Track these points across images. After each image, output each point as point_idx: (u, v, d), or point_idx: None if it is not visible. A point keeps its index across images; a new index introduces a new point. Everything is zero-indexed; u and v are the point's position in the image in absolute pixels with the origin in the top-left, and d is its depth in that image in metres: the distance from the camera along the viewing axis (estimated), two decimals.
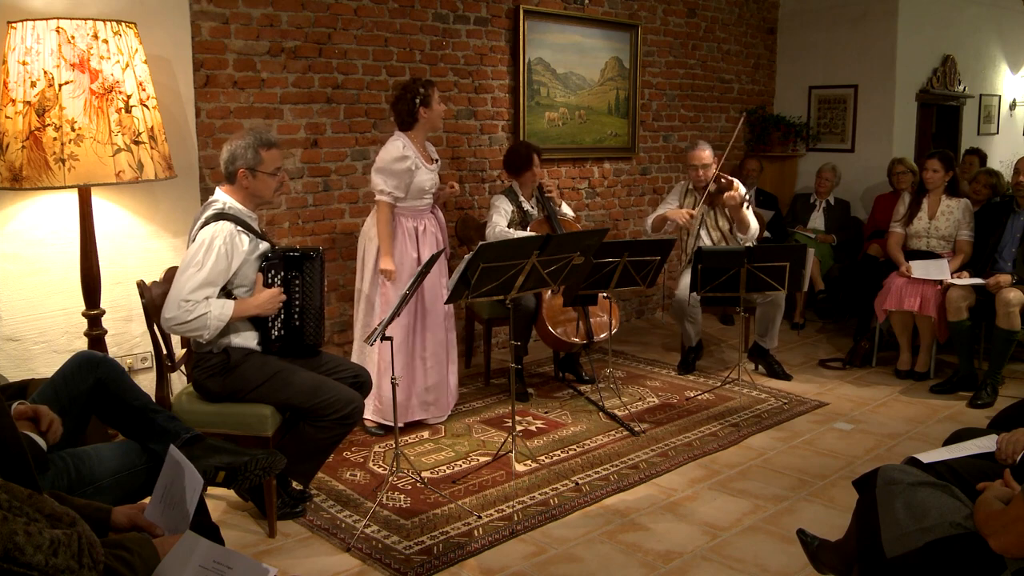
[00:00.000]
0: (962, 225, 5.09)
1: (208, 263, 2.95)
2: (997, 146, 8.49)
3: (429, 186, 4.11)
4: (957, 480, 2.23)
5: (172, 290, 2.98)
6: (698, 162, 5.04)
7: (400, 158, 3.98)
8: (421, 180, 4.05)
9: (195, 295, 2.94)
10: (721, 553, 3.04)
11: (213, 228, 3.00)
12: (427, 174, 4.09)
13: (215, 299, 2.98)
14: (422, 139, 4.13)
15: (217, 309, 2.96)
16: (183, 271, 2.99)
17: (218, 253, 2.97)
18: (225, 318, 2.98)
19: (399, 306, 3.25)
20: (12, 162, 3.13)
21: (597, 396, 4.68)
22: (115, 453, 2.37)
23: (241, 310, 3.03)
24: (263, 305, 3.07)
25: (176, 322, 2.96)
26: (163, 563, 1.72)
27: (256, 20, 4.37)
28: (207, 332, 2.97)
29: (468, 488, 3.56)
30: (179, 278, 2.98)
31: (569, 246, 3.44)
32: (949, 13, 7.50)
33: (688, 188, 5.24)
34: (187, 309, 2.93)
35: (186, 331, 2.99)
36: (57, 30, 3.14)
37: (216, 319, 2.96)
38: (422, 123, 4.07)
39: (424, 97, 4.02)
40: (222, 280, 3.00)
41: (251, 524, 3.26)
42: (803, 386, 5.01)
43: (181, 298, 2.94)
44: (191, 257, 2.98)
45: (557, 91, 5.85)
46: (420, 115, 4.04)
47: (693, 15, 6.75)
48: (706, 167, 5.03)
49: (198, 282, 2.94)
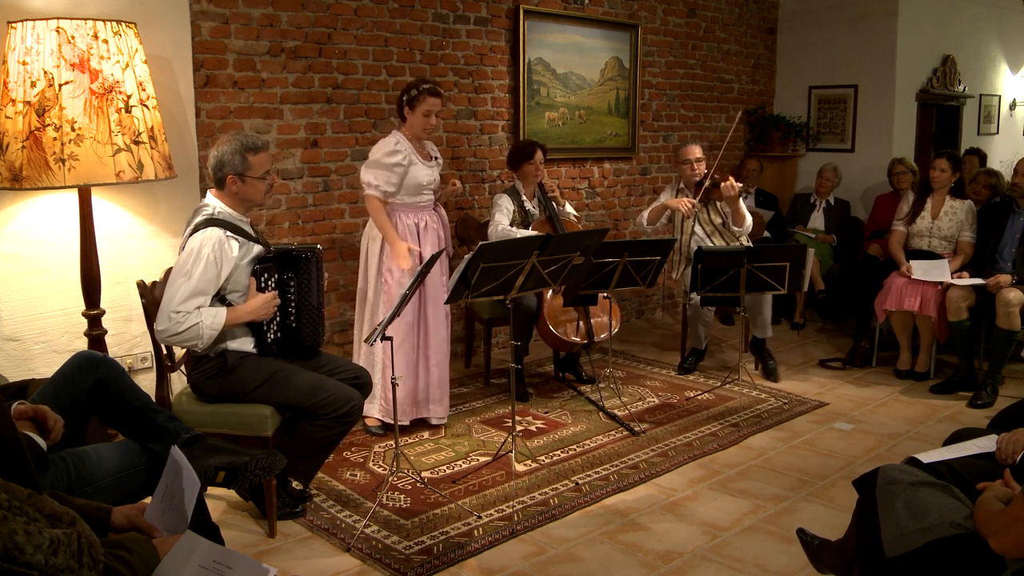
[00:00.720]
0: (964, 226, 5.09)
1: (196, 272, 2.92)
2: (997, 146, 8.49)
3: (427, 182, 4.07)
4: (957, 480, 2.22)
5: (163, 302, 2.96)
6: (691, 156, 5.06)
7: (390, 152, 3.95)
8: (416, 176, 4.01)
9: (185, 305, 2.91)
10: (721, 553, 3.04)
11: (201, 236, 2.96)
12: (423, 170, 4.04)
13: (207, 308, 2.95)
14: (415, 138, 4.09)
15: (209, 318, 2.93)
16: (172, 281, 2.96)
17: (206, 261, 2.93)
18: (218, 327, 2.95)
19: (399, 306, 3.25)
20: (12, 162, 3.13)
21: (597, 396, 4.68)
22: (115, 453, 2.37)
23: (234, 318, 3.00)
24: (256, 311, 3.04)
25: (168, 334, 2.93)
26: (163, 563, 1.72)
27: (256, 20, 4.37)
28: (201, 342, 2.95)
29: (468, 488, 3.56)
30: (168, 288, 2.96)
31: (569, 246, 3.44)
32: (949, 13, 7.50)
33: (680, 187, 5.24)
34: (178, 320, 2.90)
35: (179, 342, 2.97)
36: (57, 30, 3.14)
37: (209, 328, 2.93)
38: (409, 123, 4.03)
39: (411, 99, 3.98)
40: (212, 288, 2.97)
41: (251, 524, 3.26)
42: (803, 386, 5.01)
43: (171, 309, 2.91)
44: (180, 267, 2.96)
45: (557, 91, 5.85)
46: (406, 115, 4.03)
47: (693, 15, 6.75)
48: (699, 161, 5.06)
49: (187, 292, 2.91)
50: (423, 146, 4.13)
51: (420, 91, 3.96)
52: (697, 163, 5.05)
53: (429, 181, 4.10)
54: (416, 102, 3.96)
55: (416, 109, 3.97)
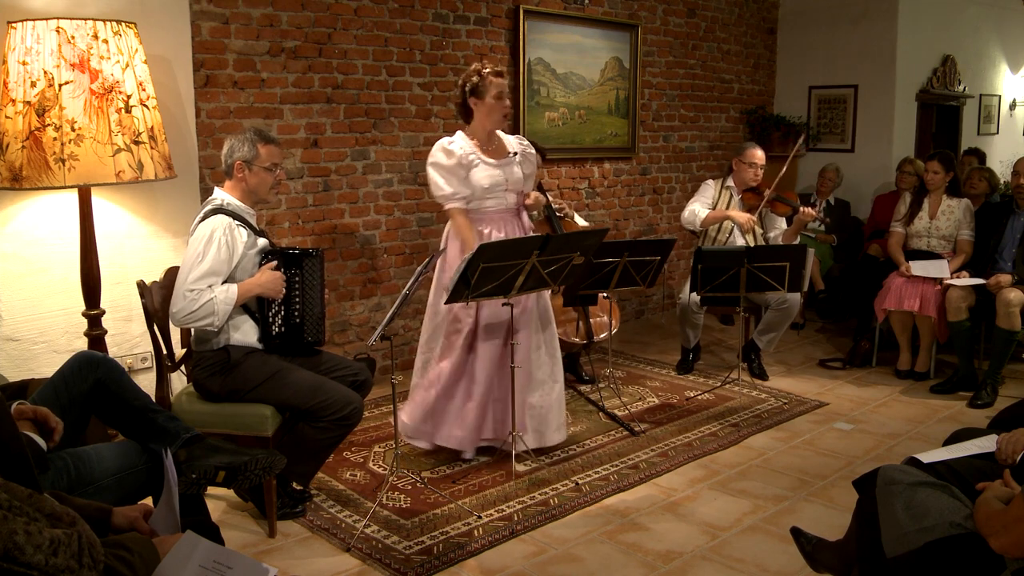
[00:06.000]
0: (963, 225, 5.09)
1: (210, 253, 2.98)
2: (997, 146, 8.49)
3: (489, 184, 3.66)
4: (957, 480, 2.22)
5: (176, 284, 3.02)
6: (758, 161, 5.07)
7: (446, 152, 3.64)
8: (476, 178, 3.64)
9: (199, 284, 2.97)
10: (721, 553, 3.04)
11: (212, 222, 3.04)
12: (485, 171, 3.65)
13: (219, 285, 3.01)
14: (484, 134, 3.74)
15: (222, 294, 2.99)
16: (184, 264, 3.02)
17: (219, 244, 3.00)
18: (231, 301, 3.00)
19: (399, 305, 3.25)
20: (12, 162, 3.13)
21: (597, 396, 4.68)
22: (115, 453, 2.37)
23: (246, 290, 3.05)
24: (266, 284, 3.08)
25: (184, 313, 2.98)
26: (163, 563, 1.72)
27: (256, 20, 4.37)
28: (216, 319, 2.99)
29: (468, 488, 3.56)
30: (181, 272, 3.03)
31: (569, 246, 3.44)
32: (949, 13, 7.50)
33: (725, 185, 5.21)
34: (192, 299, 2.96)
35: (195, 320, 2.99)
36: (57, 30, 3.14)
37: (223, 303, 2.98)
38: (477, 117, 3.70)
39: (475, 88, 3.65)
40: (225, 270, 3.03)
41: (251, 524, 3.26)
42: (803, 386, 5.01)
43: (186, 288, 2.97)
44: (192, 250, 3.02)
45: (557, 91, 5.85)
46: (473, 107, 3.70)
47: (693, 15, 6.75)
48: (763, 168, 5.07)
49: (201, 272, 2.97)
50: (493, 141, 3.76)
51: (483, 76, 3.65)
52: (760, 169, 5.07)
53: (493, 184, 3.67)
54: (483, 90, 3.65)
55: (486, 96, 3.64)
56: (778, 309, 4.95)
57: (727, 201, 5.15)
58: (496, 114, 3.68)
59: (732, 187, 5.17)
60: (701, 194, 5.22)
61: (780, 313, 4.97)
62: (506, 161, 3.75)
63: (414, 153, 5.12)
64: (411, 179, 5.14)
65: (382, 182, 5.01)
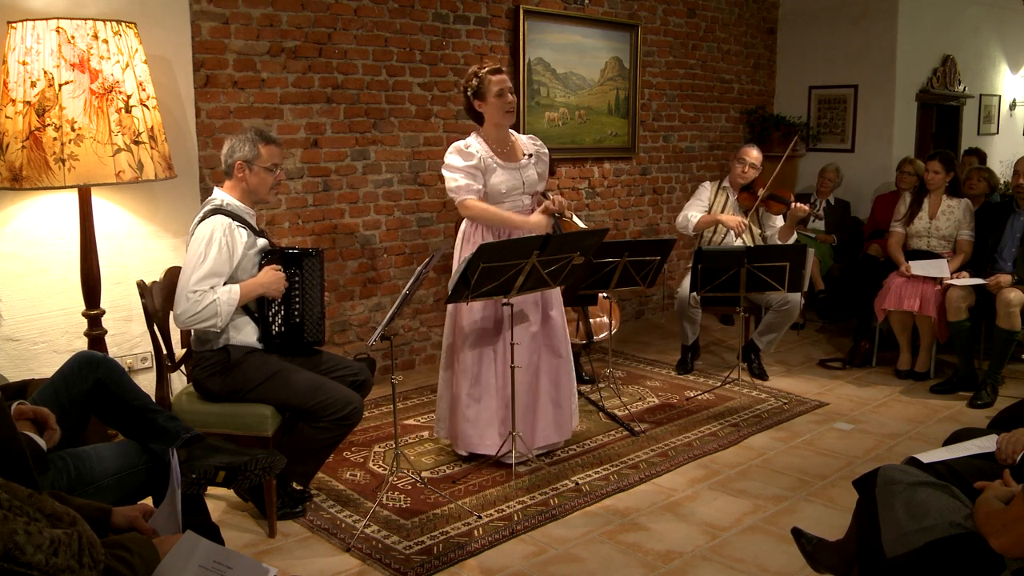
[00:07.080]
0: (963, 225, 5.09)
1: (211, 254, 2.99)
2: (997, 146, 8.49)
3: (506, 189, 3.63)
4: (957, 480, 2.22)
5: (178, 287, 3.03)
6: (748, 158, 5.08)
7: (464, 153, 3.59)
8: (493, 182, 3.61)
9: (201, 285, 2.98)
10: (721, 553, 3.04)
11: (211, 223, 3.04)
12: (501, 175, 3.62)
13: (221, 286, 3.01)
14: (496, 135, 3.69)
15: (225, 294, 3.00)
16: (186, 266, 3.03)
17: (219, 244, 3.01)
18: (234, 302, 3.02)
19: (399, 305, 3.25)
20: (12, 162, 3.13)
21: (597, 396, 4.68)
22: (115, 453, 2.37)
23: (248, 290, 3.06)
24: (268, 284, 3.10)
25: (188, 315, 2.99)
26: (163, 563, 1.72)
27: (256, 20, 4.37)
28: (220, 320, 3.00)
29: (468, 488, 3.56)
30: (183, 274, 3.03)
31: (569, 246, 3.44)
32: (949, 13, 7.50)
33: (721, 186, 5.22)
34: (196, 300, 2.97)
35: (199, 321, 3.00)
36: (57, 30, 3.14)
37: (226, 304, 3.00)
38: (487, 118, 3.65)
39: (476, 90, 3.60)
40: (226, 270, 3.03)
41: (251, 524, 3.26)
42: (803, 386, 5.01)
43: (188, 290, 2.98)
44: (192, 252, 3.02)
45: (557, 91, 5.85)
46: (479, 108, 3.64)
47: (693, 15, 6.75)
48: (754, 167, 5.07)
49: (203, 273, 2.98)
50: (507, 143, 3.73)
51: (481, 77, 3.59)
52: (751, 167, 5.06)
53: (511, 188, 3.65)
54: (485, 90, 3.59)
55: (488, 95, 3.59)
56: (779, 311, 4.95)
57: (723, 202, 5.16)
58: (502, 111, 3.64)
59: (728, 187, 5.18)
60: (696, 198, 5.26)
61: (780, 315, 4.97)
62: (522, 164, 3.73)
63: (414, 153, 5.12)
64: (411, 179, 5.14)
65: (382, 182, 5.01)
